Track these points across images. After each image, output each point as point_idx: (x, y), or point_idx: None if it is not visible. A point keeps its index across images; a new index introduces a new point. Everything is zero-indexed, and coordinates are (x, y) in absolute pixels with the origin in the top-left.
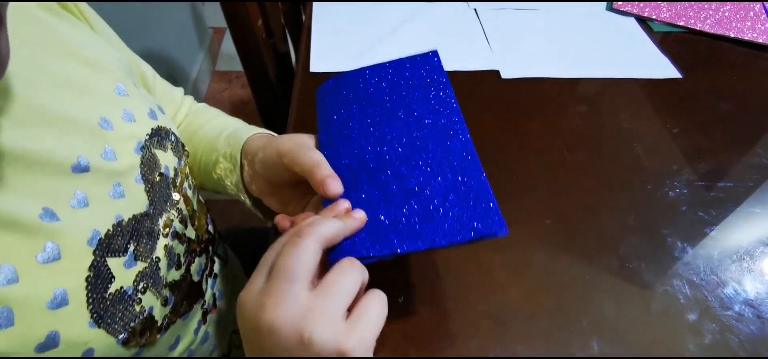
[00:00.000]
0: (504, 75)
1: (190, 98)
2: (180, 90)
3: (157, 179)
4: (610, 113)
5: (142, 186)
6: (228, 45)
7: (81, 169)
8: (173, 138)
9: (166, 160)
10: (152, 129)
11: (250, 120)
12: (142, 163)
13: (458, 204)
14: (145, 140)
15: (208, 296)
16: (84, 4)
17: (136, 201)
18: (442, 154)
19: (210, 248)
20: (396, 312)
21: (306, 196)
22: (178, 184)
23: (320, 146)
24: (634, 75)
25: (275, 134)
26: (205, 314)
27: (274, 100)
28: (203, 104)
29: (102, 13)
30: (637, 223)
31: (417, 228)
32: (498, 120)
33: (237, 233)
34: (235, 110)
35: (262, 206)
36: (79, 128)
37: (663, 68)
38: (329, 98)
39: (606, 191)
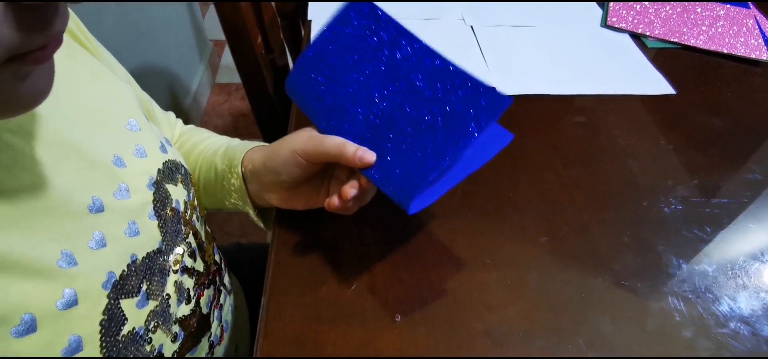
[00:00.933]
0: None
1: (179, 120)
2: (171, 113)
3: (169, 213)
4: (604, 129)
5: (156, 222)
6: (228, 57)
7: (97, 209)
8: (183, 170)
9: (177, 194)
10: (163, 163)
11: (249, 132)
12: (154, 199)
13: (463, 100)
14: (157, 176)
15: (214, 327)
16: (92, 37)
17: (150, 238)
18: (429, 79)
19: (217, 278)
20: (393, 333)
21: (321, 185)
22: (187, 217)
23: (322, 131)
24: (629, 91)
25: (267, 144)
26: (211, 346)
27: (273, 113)
28: (191, 126)
29: (103, 28)
30: (633, 240)
31: (442, 144)
32: None
33: (235, 250)
34: (235, 122)
35: (265, 216)
36: (94, 166)
37: (657, 84)
38: (301, 88)
39: (601, 207)
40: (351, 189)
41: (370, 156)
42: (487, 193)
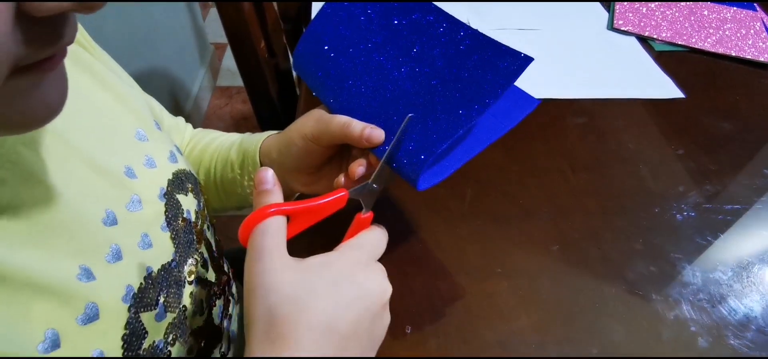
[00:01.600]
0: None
1: (189, 124)
2: (181, 118)
3: (181, 224)
4: (613, 134)
5: (168, 234)
6: (229, 60)
7: (111, 222)
8: (193, 180)
9: (188, 204)
10: (173, 174)
11: None
12: (166, 210)
13: (478, 64)
14: (168, 186)
15: (224, 337)
16: (96, 45)
17: (163, 250)
18: (442, 45)
19: (226, 288)
20: (404, 344)
21: (342, 165)
22: (199, 227)
23: (333, 109)
24: (637, 95)
25: (279, 132)
26: (223, 358)
27: (275, 116)
28: (200, 128)
29: (104, 32)
30: (645, 247)
31: (455, 113)
32: (500, 143)
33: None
34: (237, 125)
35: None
36: (106, 177)
37: (665, 88)
38: (308, 63)
39: (612, 214)
40: (358, 167)
41: (377, 135)
42: (495, 199)
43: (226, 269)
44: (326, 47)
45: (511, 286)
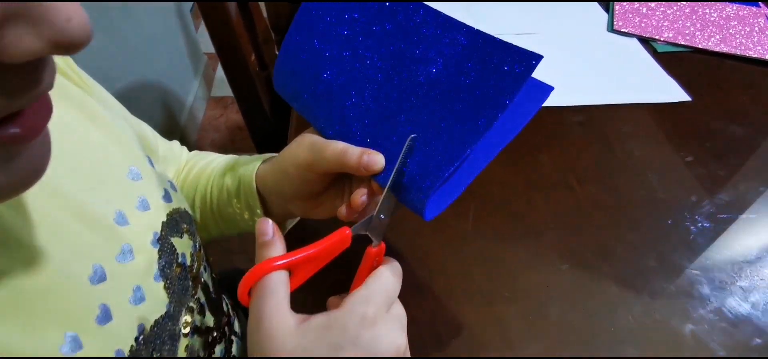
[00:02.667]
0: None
1: (184, 148)
2: (176, 142)
3: (176, 271)
4: (619, 142)
5: (162, 284)
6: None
7: (99, 278)
8: (188, 219)
9: (183, 247)
10: (168, 215)
11: (247, 145)
12: (159, 257)
13: (479, 70)
14: (161, 230)
15: None
16: (84, 74)
17: (157, 302)
18: (436, 49)
19: (227, 328)
20: None
21: (344, 188)
22: (195, 271)
23: (325, 133)
24: (642, 99)
25: (273, 156)
26: None
27: (269, 129)
28: (196, 151)
29: (92, 47)
30: (660, 263)
31: (460, 128)
32: (502, 155)
33: (236, 275)
34: (232, 135)
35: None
36: (94, 227)
37: (671, 91)
38: (290, 82)
39: (623, 228)
40: (360, 197)
41: (376, 161)
42: (499, 216)
43: (225, 307)
44: (307, 65)
45: (520, 310)
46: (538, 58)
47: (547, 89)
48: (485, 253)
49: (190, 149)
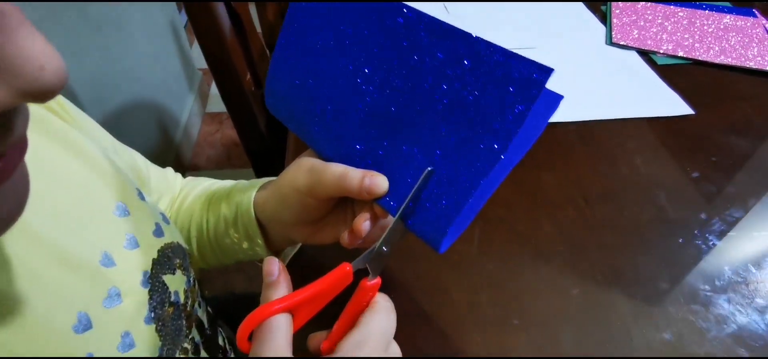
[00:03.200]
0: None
1: (178, 174)
2: (170, 169)
3: (168, 311)
4: (625, 158)
5: (153, 327)
6: None
7: (84, 327)
8: (181, 253)
9: (176, 284)
10: (159, 251)
11: (243, 162)
12: (150, 298)
13: (488, 86)
14: (152, 269)
15: None
16: (70, 105)
17: (149, 347)
18: (439, 63)
19: None
20: None
21: (347, 211)
22: (189, 309)
23: (324, 154)
24: (645, 113)
25: (271, 180)
26: None
27: (265, 149)
28: (191, 177)
29: (86, 68)
30: (673, 285)
31: (473, 155)
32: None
33: (229, 300)
34: (228, 151)
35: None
36: (78, 271)
37: (673, 105)
38: (283, 101)
39: (633, 249)
40: (363, 223)
41: (378, 184)
42: (506, 239)
43: (221, 342)
44: (298, 83)
45: (530, 339)
46: (550, 71)
47: (556, 99)
48: (492, 278)
49: (186, 166)
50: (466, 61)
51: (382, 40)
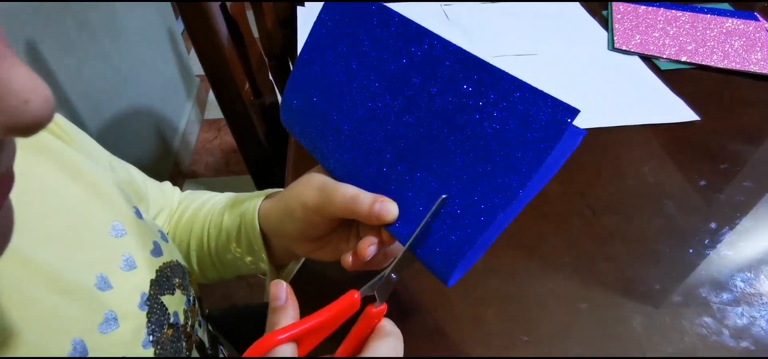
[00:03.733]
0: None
1: (177, 188)
2: (168, 183)
3: (168, 333)
4: (630, 167)
5: (152, 350)
6: None
7: (79, 355)
8: (181, 272)
9: (175, 304)
10: (157, 271)
11: (241, 168)
12: (148, 321)
13: (511, 120)
14: (150, 290)
15: None
16: (65, 122)
17: None
18: (461, 93)
19: None
20: None
21: (351, 229)
22: (189, 329)
23: (334, 173)
24: (650, 120)
25: (276, 191)
26: None
27: (265, 158)
28: (189, 191)
29: (84, 76)
30: (686, 298)
31: (488, 189)
32: None
33: (232, 314)
34: (227, 158)
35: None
36: (73, 296)
37: (678, 111)
38: (297, 117)
39: (643, 261)
40: (369, 247)
41: (389, 211)
42: (511, 252)
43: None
44: (315, 101)
45: (539, 355)
46: (575, 111)
47: (578, 134)
48: (498, 292)
49: (185, 173)
50: (489, 94)
51: (405, 66)
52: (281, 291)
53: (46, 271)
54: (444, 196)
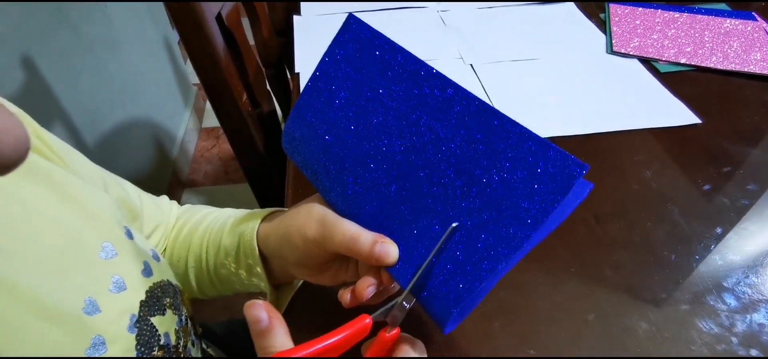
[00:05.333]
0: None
1: (174, 203)
2: (164, 197)
3: (158, 355)
4: (633, 172)
5: None
6: None
7: None
8: (172, 291)
9: (166, 325)
10: (147, 292)
11: (241, 176)
12: (138, 343)
13: (515, 170)
14: (140, 311)
15: None
16: (56, 141)
17: None
18: (468, 140)
19: None
20: None
21: (348, 261)
22: (180, 349)
23: (336, 207)
24: (652, 124)
25: (276, 211)
26: None
27: (263, 169)
28: (187, 206)
29: (80, 86)
30: (694, 306)
31: (490, 240)
32: None
33: (228, 328)
34: (226, 166)
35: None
36: (59, 322)
37: (680, 114)
38: (299, 147)
39: (649, 269)
40: (368, 288)
41: (389, 253)
42: (517, 264)
43: None
44: (319, 133)
45: None
46: (584, 167)
47: (585, 187)
48: (504, 305)
49: (184, 182)
50: (499, 143)
51: (415, 106)
52: (261, 312)
53: (32, 297)
54: (455, 224)
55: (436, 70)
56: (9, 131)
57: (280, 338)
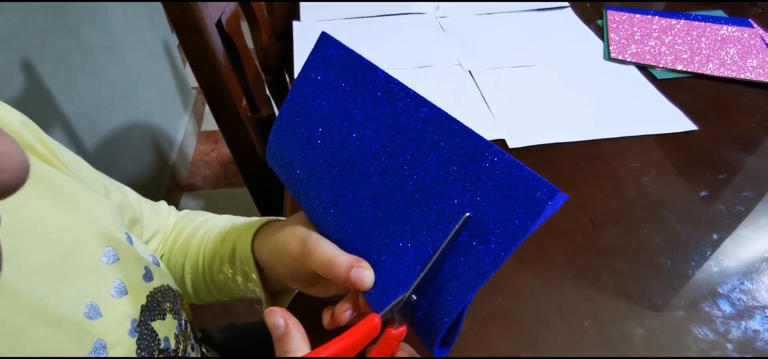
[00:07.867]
0: (511, 144)
1: (172, 208)
2: (163, 203)
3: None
4: (631, 179)
5: None
6: None
7: None
8: (171, 296)
9: (166, 330)
10: (148, 296)
11: (240, 180)
12: (138, 348)
13: (491, 195)
14: (140, 316)
15: None
16: (59, 147)
17: None
18: (441, 162)
19: None
20: None
21: None
22: (180, 352)
23: (318, 227)
24: (649, 130)
25: (273, 222)
26: None
27: (263, 174)
28: (186, 211)
29: (79, 90)
30: (690, 313)
31: (480, 257)
32: None
33: (229, 332)
34: (225, 170)
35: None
36: (61, 327)
37: (676, 121)
38: (280, 163)
39: (646, 275)
40: (345, 312)
41: (364, 278)
42: (514, 268)
43: None
44: (299, 152)
45: None
46: (556, 192)
47: (559, 200)
48: (502, 310)
49: (182, 186)
50: (470, 165)
51: (389, 127)
52: (278, 318)
53: (33, 302)
54: (468, 214)
55: (411, 90)
56: (8, 156)
57: (297, 342)
